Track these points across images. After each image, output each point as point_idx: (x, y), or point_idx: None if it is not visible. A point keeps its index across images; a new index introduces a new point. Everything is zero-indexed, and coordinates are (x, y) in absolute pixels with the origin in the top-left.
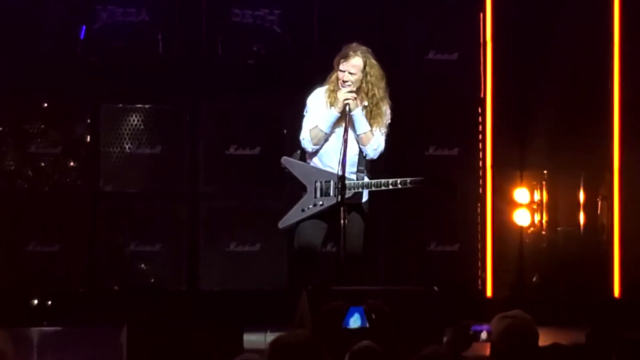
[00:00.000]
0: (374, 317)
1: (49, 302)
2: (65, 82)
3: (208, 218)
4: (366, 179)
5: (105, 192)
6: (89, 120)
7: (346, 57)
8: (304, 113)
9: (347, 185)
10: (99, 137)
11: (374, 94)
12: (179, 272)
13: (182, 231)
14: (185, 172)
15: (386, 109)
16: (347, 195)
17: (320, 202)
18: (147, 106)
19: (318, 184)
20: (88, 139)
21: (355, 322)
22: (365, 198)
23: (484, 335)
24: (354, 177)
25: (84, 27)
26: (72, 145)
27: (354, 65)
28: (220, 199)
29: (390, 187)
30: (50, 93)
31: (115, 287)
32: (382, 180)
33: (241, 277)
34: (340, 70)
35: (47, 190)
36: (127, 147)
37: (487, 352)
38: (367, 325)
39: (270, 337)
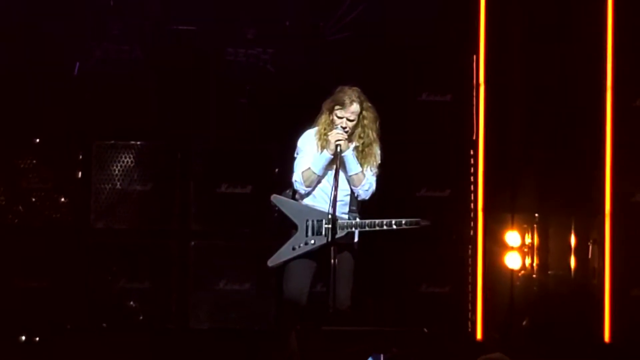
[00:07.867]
0: None
1: (37, 338)
2: (57, 118)
3: (198, 256)
4: (358, 219)
5: (95, 229)
6: (80, 157)
7: (343, 105)
8: (295, 155)
9: (340, 225)
10: (91, 173)
11: (367, 135)
12: (167, 309)
13: (171, 269)
14: (176, 209)
15: (377, 150)
16: (339, 235)
17: (312, 241)
18: (138, 143)
19: (309, 223)
20: (79, 175)
21: None
22: (356, 238)
23: None
24: (345, 217)
25: (78, 63)
26: (63, 181)
27: (352, 112)
28: (210, 237)
29: (385, 227)
30: (43, 129)
31: (104, 324)
32: (377, 221)
33: (230, 315)
34: (338, 117)
35: (38, 226)
36: (118, 184)
37: None
38: None
39: None
